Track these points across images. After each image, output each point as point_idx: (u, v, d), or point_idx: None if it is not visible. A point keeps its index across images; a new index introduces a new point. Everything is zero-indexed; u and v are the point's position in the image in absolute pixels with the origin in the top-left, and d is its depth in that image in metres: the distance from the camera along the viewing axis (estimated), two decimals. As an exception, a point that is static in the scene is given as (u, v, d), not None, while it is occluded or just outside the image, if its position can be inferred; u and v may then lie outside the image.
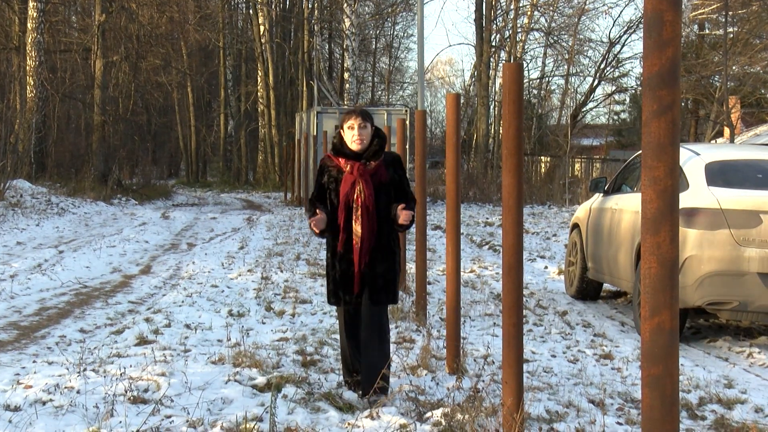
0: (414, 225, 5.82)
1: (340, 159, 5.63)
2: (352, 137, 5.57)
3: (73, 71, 32.71)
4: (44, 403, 5.33)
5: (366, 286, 5.58)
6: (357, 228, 5.55)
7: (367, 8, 41.05)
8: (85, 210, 22.44)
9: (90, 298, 10.02)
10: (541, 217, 22.69)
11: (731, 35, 26.45)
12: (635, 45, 49.31)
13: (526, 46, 38.87)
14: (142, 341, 7.24)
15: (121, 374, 5.94)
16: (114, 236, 16.51)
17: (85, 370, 6.11)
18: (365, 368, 5.55)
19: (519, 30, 37.53)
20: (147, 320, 8.15)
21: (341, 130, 5.66)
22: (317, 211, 5.51)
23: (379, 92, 48.16)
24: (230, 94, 44.97)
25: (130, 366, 6.22)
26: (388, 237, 5.64)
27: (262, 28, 40.97)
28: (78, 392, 5.53)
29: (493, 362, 6.62)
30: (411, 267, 10.55)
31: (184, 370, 6.08)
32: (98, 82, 29.21)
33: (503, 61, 36.17)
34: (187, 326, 7.93)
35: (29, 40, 27.69)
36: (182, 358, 6.62)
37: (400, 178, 5.72)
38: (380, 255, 5.60)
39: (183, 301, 9.24)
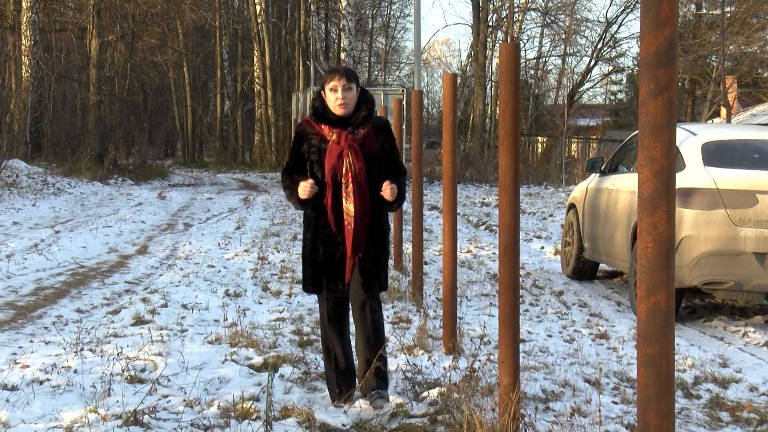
0: (405, 202, 5.28)
1: (322, 126, 4.93)
2: (336, 100, 4.87)
3: (68, 51, 32.57)
4: (41, 383, 5.34)
5: (356, 272, 4.98)
6: (349, 206, 4.89)
7: (363, -13, 40.88)
8: (81, 190, 22.41)
9: (86, 278, 10.02)
10: (537, 198, 22.69)
11: (728, 14, 26.37)
12: (632, 25, 49.11)
13: (523, 26, 38.80)
14: (139, 321, 7.24)
15: (118, 354, 5.95)
16: (110, 216, 16.50)
17: (82, 349, 6.12)
18: (364, 363, 5.07)
19: (516, 10, 37.43)
20: (144, 300, 8.16)
21: (322, 92, 4.95)
22: (302, 179, 4.90)
23: (376, 72, 48.03)
24: (226, 74, 44.83)
25: (127, 346, 6.23)
26: (380, 216, 5.03)
27: (258, 7, 40.79)
28: (75, 372, 5.54)
29: (490, 342, 6.63)
30: (408, 247, 10.57)
31: (181, 350, 6.09)
32: (94, 61, 29.11)
33: (500, 41, 36.04)
34: (184, 306, 7.94)
35: (24, 20, 27.55)
36: (179, 338, 6.63)
37: (391, 148, 5.08)
38: (371, 237, 4.98)
39: (180, 281, 9.25)
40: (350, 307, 5.15)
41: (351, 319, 5.25)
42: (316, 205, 4.97)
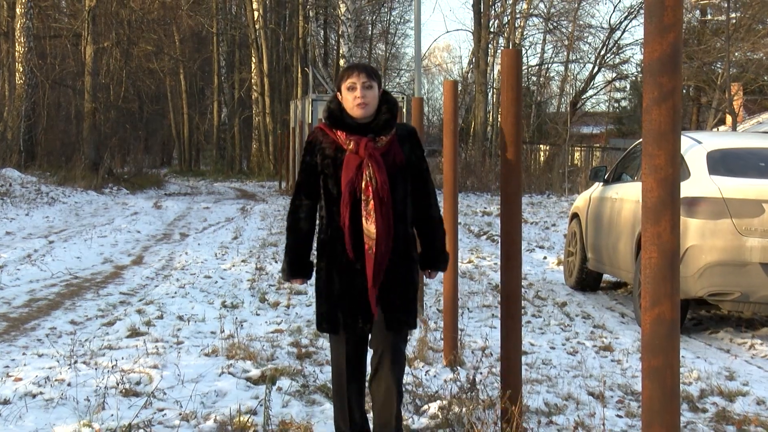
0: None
1: (338, 132, 4.23)
2: (354, 99, 4.19)
3: (63, 57, 32.46)
4: (34, 396, 5.28)
5: (379, 305, 4.23)
6: (370, 227, 4.15)
7: (363, -6, 40.93)
8: (75, 199, 22.35)
9: (81, 289, 9.93)
10: (540, 207, 22.67)
11: (734, 21, 26.36)
12: (636, 31, 49.14)
13: (525, 32, 38.85)
14: (134, 333, 7.17)
15: (112, 367, 5.88)
16: (105, 226, 16.43)
17: (76, 362, 6.05)
18: (379, 418, 4.34)
19: (518, 15, 37.45)
20: (139, 312, 8.09)
21: (338, 93, 4.28)
22: (299, 272, 4.33)
23: (375, 79, 47.99)
24: (224, 81, 44.94)
25: (122, 358, 6.16)
26: (405, 239, 4.29)
27: (256, 13, 40.91)
28: (69, 385, 5.47)
29: (491, 354, 6.56)
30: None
31: (177, 363, 6.03)
32: (89, 68, 29.04)
33: (502, 48, 36.11)
34: (180, 318, 7.87)
35: (18, 26, 27.52)
36: (175, 350, 6.56)
37: (419, 161, 4.34)
38: (397, 263, 4.24)
39: (176, 293, 9.18)
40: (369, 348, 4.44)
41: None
42: (332, 227, 4.25)
